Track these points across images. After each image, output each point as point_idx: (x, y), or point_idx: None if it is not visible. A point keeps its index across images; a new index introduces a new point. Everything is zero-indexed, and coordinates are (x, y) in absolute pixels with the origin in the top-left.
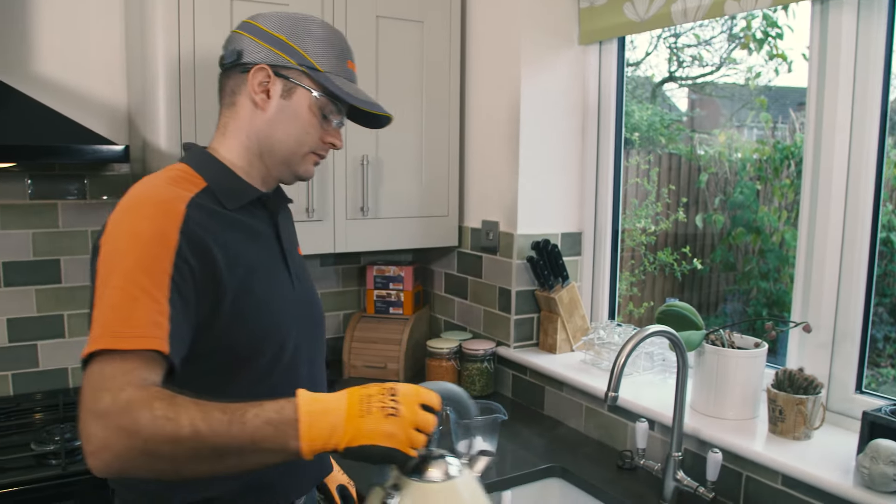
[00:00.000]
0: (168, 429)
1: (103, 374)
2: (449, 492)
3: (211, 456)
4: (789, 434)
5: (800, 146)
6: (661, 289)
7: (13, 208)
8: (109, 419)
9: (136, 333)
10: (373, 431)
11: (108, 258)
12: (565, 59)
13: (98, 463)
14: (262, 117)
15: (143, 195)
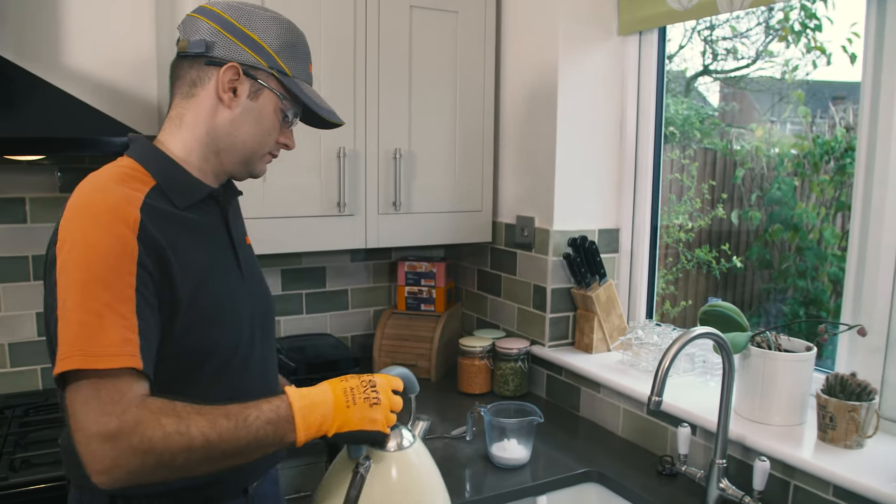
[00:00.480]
0: (181, 443)
1: (99, 397)
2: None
3: (221, 458)
4: (840, 442)
5: (840, 141)
6: (699, 287)
7: (42, 201)
8: (120, 441)
9: (109, 353)
10: (361, 419)
11: (65, 270)
12: (604, 51)
13: (108, 480)
14: (225, 115)
15: (94, 199)
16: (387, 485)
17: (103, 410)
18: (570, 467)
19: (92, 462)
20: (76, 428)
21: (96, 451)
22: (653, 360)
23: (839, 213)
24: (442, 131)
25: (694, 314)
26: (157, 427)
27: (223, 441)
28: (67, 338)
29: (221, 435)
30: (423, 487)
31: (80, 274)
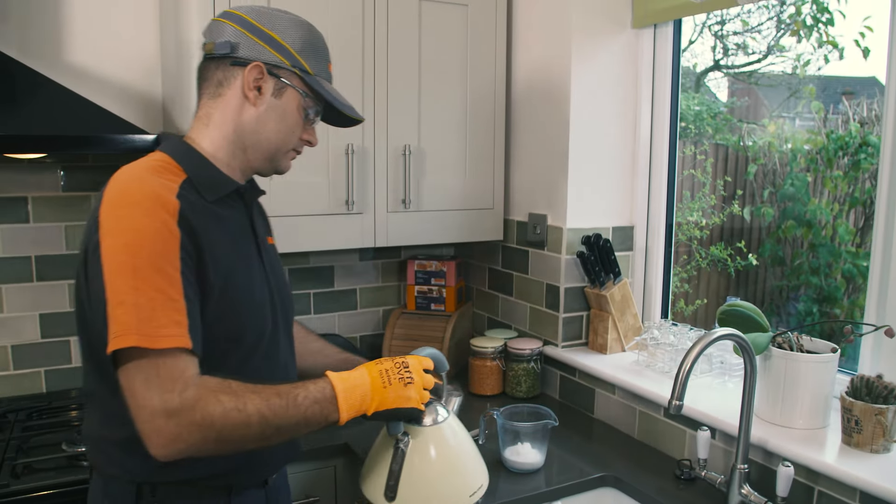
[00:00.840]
0: (239, 419)
1: (160, 375)
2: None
3: (273, 434)
4: (866, 446)
5: (854, 136)
6: (713, 285)
7: (46, 200)
8: (182, 416)
9: (163, 333)
10: (397, 398)
11: (113, 255)
12: (617, 45)
13: (169, 453)
14: (251, 112)
15: (132, 187)
16: (425, 457)
17: (164, 388)
18: (585, 472)
19: (155, 437)
20: (137, 405)
21: (160, 427)
22: (669, 361)
23: (853, 209)
24: (452, 127)
25: (707, 313)
26: (216, 403)
27: (277, 418)
28: (121, 318)
29: (276, 412)
30: (459, 458)
31: (129, 258)
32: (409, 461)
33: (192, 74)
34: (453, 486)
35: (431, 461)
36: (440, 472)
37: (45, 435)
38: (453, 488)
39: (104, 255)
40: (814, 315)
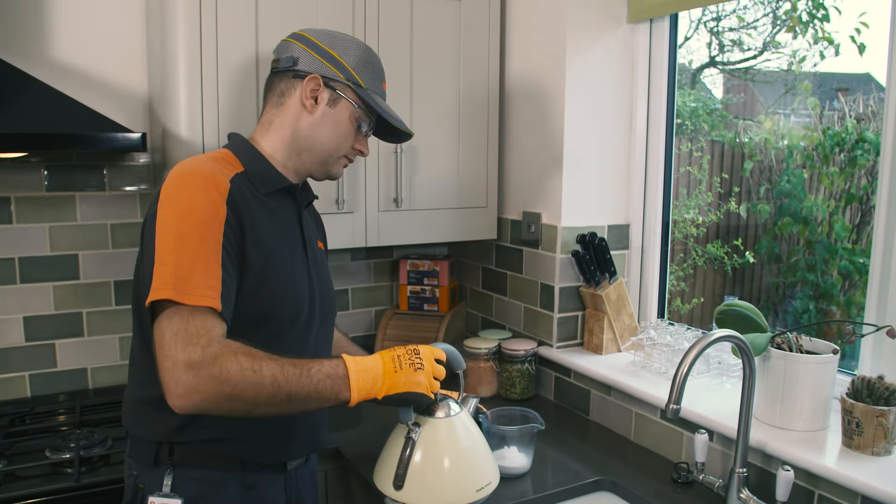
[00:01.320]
0: (253, 379)
1: (188, 330)
2: (452, 424)
3: (283, 401)
4: (867, 449)
5: (851, 132)
6: (709, 283)
7: (29, 201)
8: (202, 369)
9: (196, 292)
10: (407, 382)
11: (165, 223)
12: (613, 40)
13: (185, 403)
14: (308, 119)
15: (192, 169)
16: (434, 448)
17: (190, 341)
18: (581, 475)
19: (174, 386)
20: (163, 356)
21: (180, 377)
22: (665, 362)
23: (849, 206)
24: (445, 124)
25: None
26: (234, 362)
27: (289, 385)
28: (162, 275)
29: (288, 380)
30: (469, 453)
31: (178, 225)
32: (418, 451)
33: (176, 72)
34: (460, 479)
35: (440, 452)
36: (448, 464)
37: (30, 441)
38: (460, 481)
39: (158, 223)
40: (810, 312)
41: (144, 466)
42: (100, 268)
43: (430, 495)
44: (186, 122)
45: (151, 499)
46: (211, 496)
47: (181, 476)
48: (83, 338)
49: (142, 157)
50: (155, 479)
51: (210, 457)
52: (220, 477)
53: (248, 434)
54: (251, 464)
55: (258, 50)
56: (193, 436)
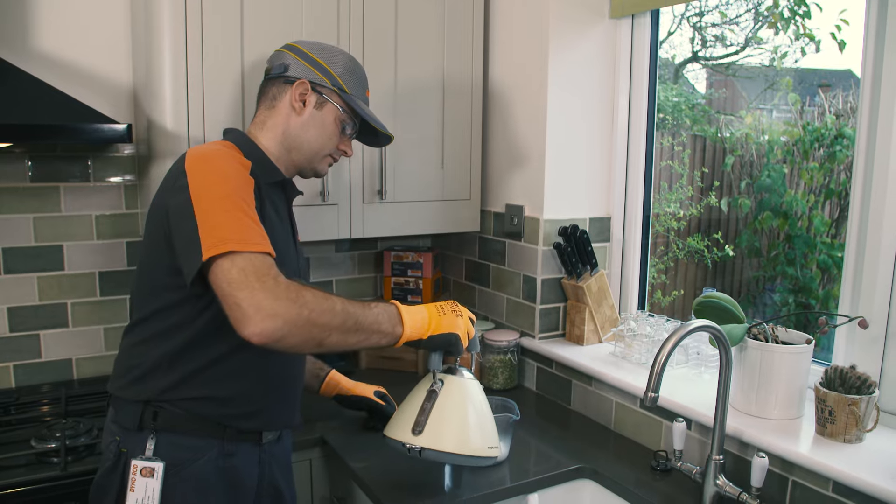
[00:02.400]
0: (326, 305)
1: (257, 269)
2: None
3: (350, 329)
4: (839, 436)
5: (830, 128)
6: (689, 276)
7: (13, 191)
8: (279, 293)
9: (255, 241)
10: (449, 324)
11: (201, 190)
12: (595, 34)
13: (268, 327)
14: (296, 120)
15: (212, 148)
16: (455, 402)
17: (260, 274)
18: (562, 463)
19: (254, 313)
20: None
21: (260, 303)
22: (646, 352)
23: (828, 201)
24: (429, 117)
25: (685, 304)
26: (306, 290)
27: (356, 313)
28: (216, 234)
29: (354, 308)
30: (484, 414)
31: (219, 189)
32: (439, 403)
33: (162, 62)
34: (475, 434)
35: (460, 407)
36: (465, 419)
37: (15, 431)
38: (475, 435)
39: (193, 192)
40: (790, 305)
41: (128, 431)
42: (84, 259)
43: (447, 442)
44: (172, 114)
45: (134, 462)
46: (191, 461)
47: (163, 441)
48: (68, 328)
49: (127, 148)
50: (138, 443)
51: (192, 422)
52: (201, 443)
53: (229, 395)
54: (232, 431)
55: (243, 41)
56: (180, 394)
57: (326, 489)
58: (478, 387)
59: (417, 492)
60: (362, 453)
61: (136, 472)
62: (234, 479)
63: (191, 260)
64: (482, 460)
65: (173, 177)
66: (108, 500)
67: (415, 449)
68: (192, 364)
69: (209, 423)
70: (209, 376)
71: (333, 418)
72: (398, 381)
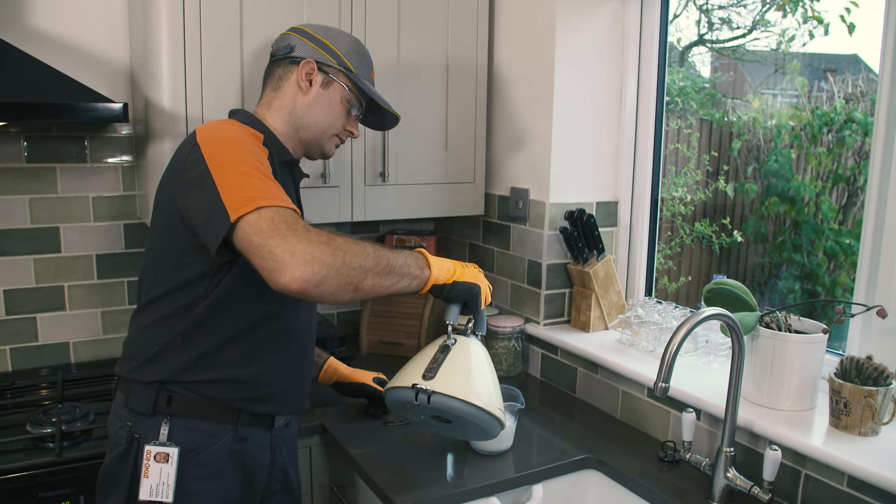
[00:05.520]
0: (357, 248)
1: (283, 215)
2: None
3: (382, 272)
4: (854, 429)
5: (840, 112)
6: (696, 262)
7: (8, 172)
8: (311, 238)
9: (280, 198)
10: (472, 276)
11: (217, 158)
12: (604, 14)
13: (306, 271)
14: (303, 99)
15: (219, 124)
16: (467, 358)
17: (289, 223)
18: (567, 453)
19: (290, 258)
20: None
21: (295, 249)
22: (653, 340)
23: (836, 187)
24: (433, 98)
25: (691, 290)
26: (337, 235)
27: (386, 256)
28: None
29: (384, 251)
30: (493, 377)
31: (235, 155)
32: (452, 357)
33: (159, 40)
34: (485, 391)
35: (472, 363)
36: (478, 375)
37: (12, 415)
38: (485, 392)
39: (210, 161)
40: (796, 293)
41: (140, 416)
42: (81, 241)
43: (458, 389)
44: (169, 93)
45: (148, 447)
46: (206, 446)
47: (177, 426)
48: (65, 311)
49: (124, 128)
50: (151, 428)
51: (207, 406)
52: (215, 428)
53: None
54: (246, 415)
55: (242, 20)
56: (193, 376)
57: (326, 477)
58: (487, 354)
59: (419, 481)
60: (362, 441)
61: (149, 458)
62: (246, 463)
63: (217, 226)
64: (490, 419)
65: (184, 152)
66: (119, 486)
67: (425, 392)
68: (205, 344)
69: (223, 407)
70: (222, 358)
71: (333, 405)
72: (398, 366)
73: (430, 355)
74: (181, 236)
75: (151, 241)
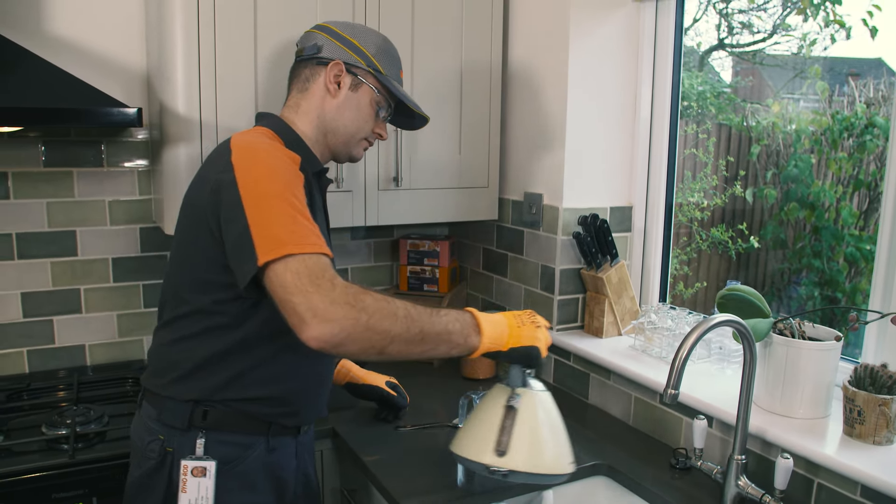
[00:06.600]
0: (387, 310)
1: (308, 267)
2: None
3: (416, 336)
4: (869, 438)
5: (860, 117)
6: (713, 268)
7: (26, 176)
8: (335, 297)
9: (311, 242)
10: (529, 336)
11: (251, 186)
12: (618, 18)
13: (325, 332)
14: (332, 103)
15: (258, 139)
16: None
17: (315, 277)
18: (578, 459)
19: (311, 316)
20: (291, 294)
21: (317, 307)
22: (667, 346)
23: (857, 192)
24: (446, 103)
25: (707, 296)
26: (366, 294)
27: (420, 320)
28: (269, 233)
29: (420, 315)
30: (561, 426)
31: (269, 186)
32: (520, 421)
33: (174, 45)
34: (555, 450)
35: (539, 422)
36: (545, 434)
37: (28, 416)
38: (555, 451)
39: (242, 189)
40: (815, 299)
41: (174, 430)
42: (98, 244)
43: (528, 464)
44: (184, 98)
45: (185, 462)
46: (240, 459)
47: (212, 440)
48: (81, 314)
49: (140, 133)
50: (186, 442)
51: (241, 420)
52: (248, 440)
53: (275, 395)
54: (276, 427)
55: (256, 24)
56: (227, 394)
57: (337, 481)
58: (551, 399)
59: (429, 486)
60: (373, 446)
61: (186, 473)
62: (276, 472)
63: (245, 265)
64: (561, 476)
65: (216, 168)
66: (152, 501)
67: (500, 472)
68: (241, 365)
69: (256, 420)
70: (256, 377)
71: (345, 409)
72: (409, 371)
73: (495, 418)
74: (214, 254)
75: (177, 252)
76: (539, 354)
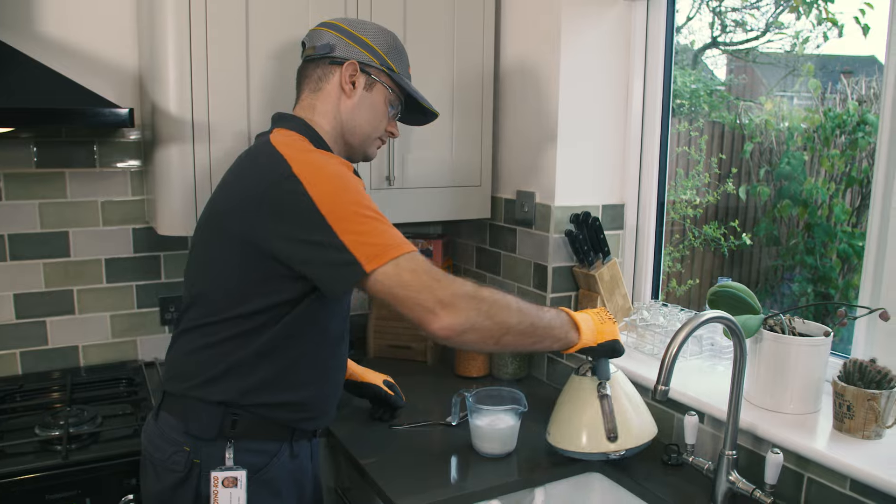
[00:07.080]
0: (502, 302)
1: (419, 263)
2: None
3: (526, 330)
4: (858, 432)
5: (853, 114)
6: (706, 265)
7: (18, 177)
8: (457, 288)
9: (406, 242)
10: (611, 332)
11: (329, 200)
12: (609, 16)
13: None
14: (347, 103)
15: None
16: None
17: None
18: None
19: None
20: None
21: (441, 297)
22: (658, 343)
23: (849, 189)
24: (438, 100)
25: (700, 293)
26: (481, 287)
27: (531, 314)
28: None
29: (530, 309)
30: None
31: (346, 196)
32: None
33: (165, 44)
34: (644, 423)
35: (629, 398)
36: (636, 410)
37: (21, 418)
38: (644, 424)
39: (321, 204)
40: (808, 296)
41: (202, 441)
42: (91, 245)
43: (635, 438)
44: (176, 99)
45: (215, 474)
46: (267, 466)
47: (240, 448)
48: (74, 315)
49: (132, 133)
50: (214, 452)
51: (267, 427)
52: (273, 447)
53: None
54: (298, 432)
55: (248, 24)
56: (254, 399)
57: (331, 479)
58: (625, 376)
59: (423, 484)
60: (367, 444)
61: (217, 484)
62: (297, 477)
63: (346, 276)
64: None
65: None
66: None
67: (618, 454)
68: (271, 369)
69: (280, 426)
70: (282, 382)
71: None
72: (406, 370)
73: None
74: (261, 268)
75: (202, 259)
76: (622, 347)
